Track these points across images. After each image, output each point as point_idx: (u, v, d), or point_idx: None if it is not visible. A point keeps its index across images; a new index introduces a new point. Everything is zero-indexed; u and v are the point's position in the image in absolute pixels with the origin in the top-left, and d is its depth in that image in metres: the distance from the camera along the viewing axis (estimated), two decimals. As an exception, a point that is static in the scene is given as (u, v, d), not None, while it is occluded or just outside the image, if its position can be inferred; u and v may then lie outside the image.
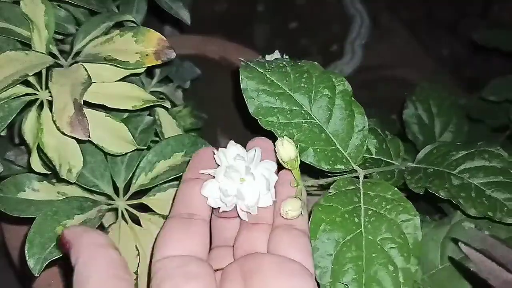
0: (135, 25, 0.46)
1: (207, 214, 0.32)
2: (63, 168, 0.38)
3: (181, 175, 0.42)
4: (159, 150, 0.43)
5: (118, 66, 0.39)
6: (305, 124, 0.37)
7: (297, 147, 0.34)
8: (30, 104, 0.40)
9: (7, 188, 0.41)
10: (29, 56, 0.38)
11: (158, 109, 0.49)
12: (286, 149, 0.34)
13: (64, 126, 0.34)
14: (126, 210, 0.42)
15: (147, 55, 0.39)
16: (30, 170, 0.41)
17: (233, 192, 0.32)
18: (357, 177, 0.38)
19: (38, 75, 0.40)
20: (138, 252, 0.38)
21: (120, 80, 0.41)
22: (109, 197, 0.42)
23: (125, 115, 0.45)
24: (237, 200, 0.32)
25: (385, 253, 0.33)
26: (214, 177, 0.33)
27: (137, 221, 0.41)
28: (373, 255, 0.33)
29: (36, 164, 0.40)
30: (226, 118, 0.68)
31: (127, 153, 0.41)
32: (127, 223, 0.40)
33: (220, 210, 0.32)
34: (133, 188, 0.42)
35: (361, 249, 0.34)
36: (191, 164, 0.35)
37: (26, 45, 0.41)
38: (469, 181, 0.39)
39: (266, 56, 0.47)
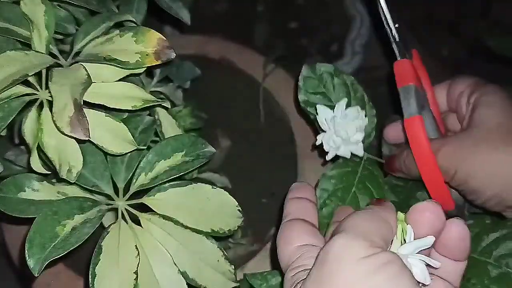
0: (135, 25, 0.46)
1: (316, 223, 0.36)
2: (63, 168, 0.38)
3: (182, 175, 0.42)
4: (159, 150, 0.42)
5: (118, 66, 0.39)
6: None
7: None
8: (30, 104, 0.40)
9: (7, 188, 0.41)
10: (29, 56, 0.38)
11: (158, 109, 0.49)
12: None
13: (64, 126, 0.34)
14: (126, 210, 0.42)
15: (147, 55, 0.39)
16: (30, 170, 0.41)
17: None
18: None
19: (38, 75, 0.40)
20: (138, 252, 0.38)
21: (120, 80, 0.41)
22: (109, 197, 0.42)
23: (125, 115, 0.45)
24: None
25: None
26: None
27: (137, 221, 0.41)
28: None
29: (36, 164, 0.40)
30: (226, 118, 0.68)
31: (127, 153, 0.41)
32: (127, 223, 0.40)
33: None
34: (133, 188, 0.42)
35: None
36: (291, 190, 0.39)
37: (26, 45, 0.41)
38: (508, 269, 0.37)
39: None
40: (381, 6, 0.46)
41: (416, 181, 0.46)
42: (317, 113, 0.45)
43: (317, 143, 0.44)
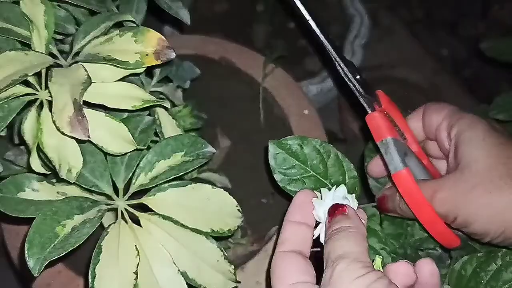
0: (135, 25, 0.46)
1: (308, 251, 0.39)
2: (62, 168, 0.38)
3: (181, 175, 0.42)
4: (159, 150, 0.42)
5: (117, 66, 0.39)
6: None
7: None
8: (29, 104, 0.40)
9: (7, 188, 0.41)
10: (29, 56, 0.38)
11: (158, 109, 0.49)
12: None
13: (64, 126, 0.34)
14: (126, 210, 0.42)
15: (147, 55, 0.39)
16: (30, 170, 0.41)
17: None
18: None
19: (37, 75, 0.40)
20: (138, 252, 0.38)
21: (119, 80, 0.41)
22: (109, 197, 0.42)
23: (125, 115, 0.45)
24: None
25: None
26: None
27: (137, 221, 0.41)
28: None
29: (36, 164, 0.40)
30: (226, 118, 0.68)
31: (126, 153, 0.41)
32: (126, 223, 0.40)
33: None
34: (132, 188, 0.42)
35: None
36: (292, 207, 0.40)
37: (26, 45, 0.41)
38: None
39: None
40: (339, 64, 0.46)
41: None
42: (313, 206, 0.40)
43: (315, 236, 0.40)
